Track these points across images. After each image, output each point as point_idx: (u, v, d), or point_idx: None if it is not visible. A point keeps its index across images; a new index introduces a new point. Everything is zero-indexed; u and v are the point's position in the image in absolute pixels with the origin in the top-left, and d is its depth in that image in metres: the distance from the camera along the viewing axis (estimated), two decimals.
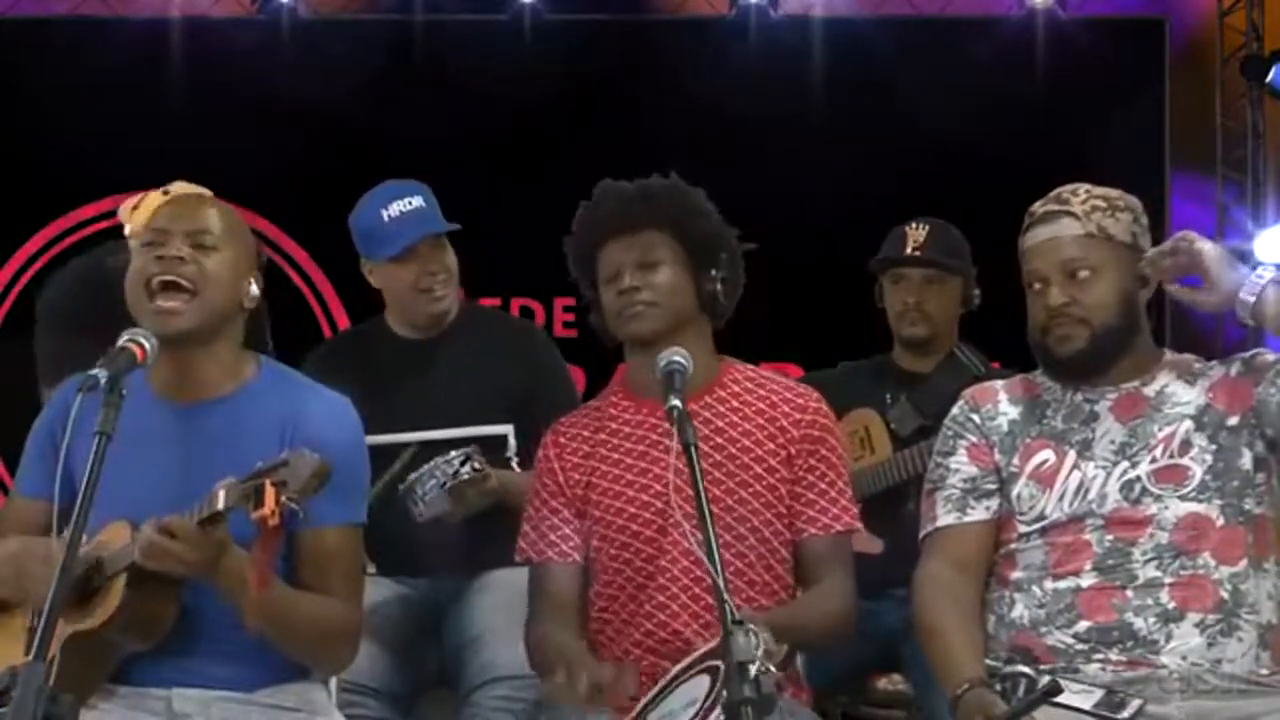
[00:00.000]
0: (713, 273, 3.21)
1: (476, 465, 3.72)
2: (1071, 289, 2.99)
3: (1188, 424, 2.99)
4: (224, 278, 2.94)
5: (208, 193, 3.87)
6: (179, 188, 3.90)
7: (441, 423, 3.90)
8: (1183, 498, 2.95)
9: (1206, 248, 2.94)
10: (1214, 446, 2.97)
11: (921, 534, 3.12)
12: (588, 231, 3.25)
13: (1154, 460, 2.97)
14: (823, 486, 3.21)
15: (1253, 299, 2.88)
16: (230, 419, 2.91)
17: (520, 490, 3.64)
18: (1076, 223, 2.99)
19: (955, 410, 3.16)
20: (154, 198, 3.89)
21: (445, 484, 3.70)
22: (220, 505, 2.65)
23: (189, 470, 2.80)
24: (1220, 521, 2.94)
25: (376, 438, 3.74)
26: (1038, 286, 3.03)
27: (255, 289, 2.99)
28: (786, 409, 3.23)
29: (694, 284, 3.20)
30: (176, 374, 2.94)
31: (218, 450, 2.82)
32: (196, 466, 2.78)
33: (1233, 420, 2.99)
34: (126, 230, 3.89)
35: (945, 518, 3.07)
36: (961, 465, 3.09)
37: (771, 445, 3.20)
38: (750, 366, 3.33)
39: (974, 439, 3.10)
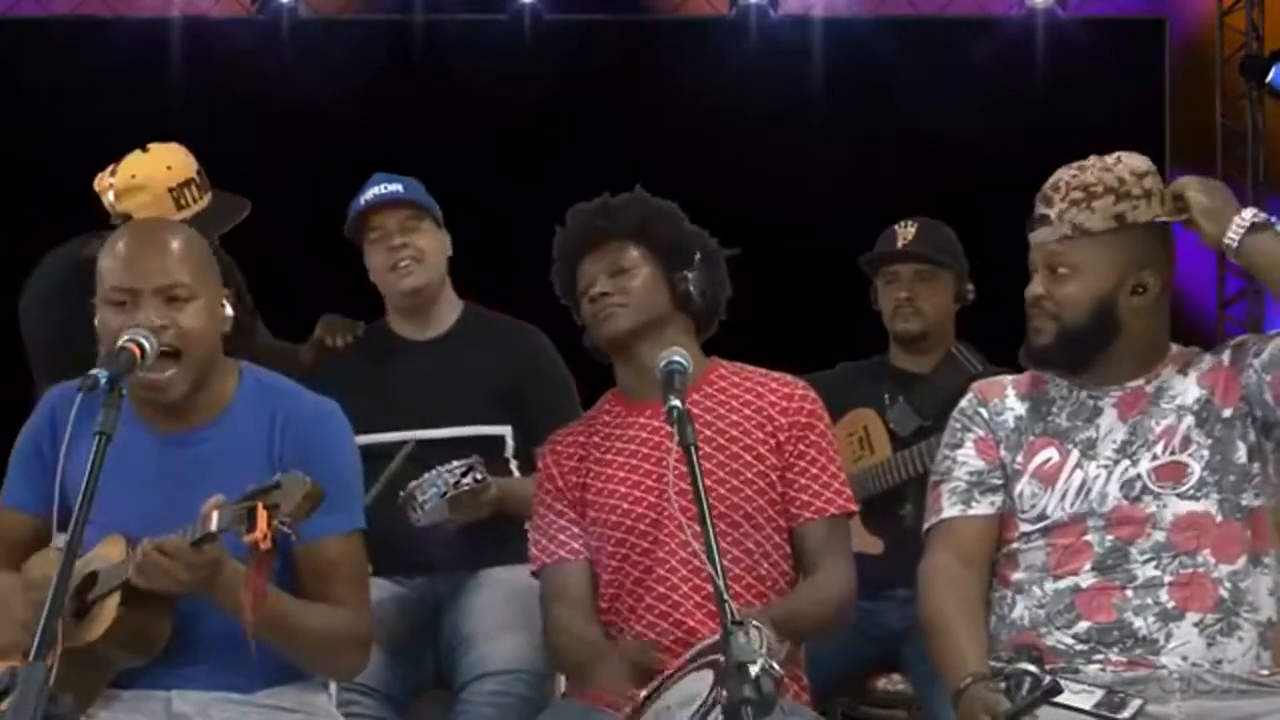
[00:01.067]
0: (686, 273, 3.27)
1: (478, 476, 3.72)
2: (1050, 283, 3.00)
3: (1189, 419, 2.98)
4: (203, 326, 2.85)
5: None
6: (155, 149, 3.95)
7: (439, 422, 3.91)
8: (1181, 496, 2.94)
9: (1194, 193, 2.94)
10: (1210, 440, 2.97)
11: (926, 526, 3.11)
12: (563, 254, 3.35)
13: (1154, 458, 2.97)
14: (814, 471, 3.23)
15: (1235, 241, 2.90)
16: (218, 441, 2.88)
17: (520, 497, 3.65)
18: (1051, 230, 2.98)
19: (964, 403, 3.16)
20: (133, 160, 3.93)
21: (445, 493, 3.70)
22: (213, 527, 2.62)
23: (181, 495, 2.74)
24: (1219, 517, 2.94)
25: (375, 437, 3.76)
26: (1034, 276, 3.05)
27: (229, 310, 2.92)
28: (773, 398, 3.28)
29: (668, 284, 3.27)
30: (164, 411, 2.89)
31: (209, 472, 2.77)
32: (188, 491, 2.72)
33: (1227, 412, 2.99)
34: (106, 201, 3.93)
35: (950, 510, 3.07)
36: (968, 458, 3.09)
37: (761, 434, 3.24)
38: (736, 364, 3.36)
39: (981, 432, 3.10)
